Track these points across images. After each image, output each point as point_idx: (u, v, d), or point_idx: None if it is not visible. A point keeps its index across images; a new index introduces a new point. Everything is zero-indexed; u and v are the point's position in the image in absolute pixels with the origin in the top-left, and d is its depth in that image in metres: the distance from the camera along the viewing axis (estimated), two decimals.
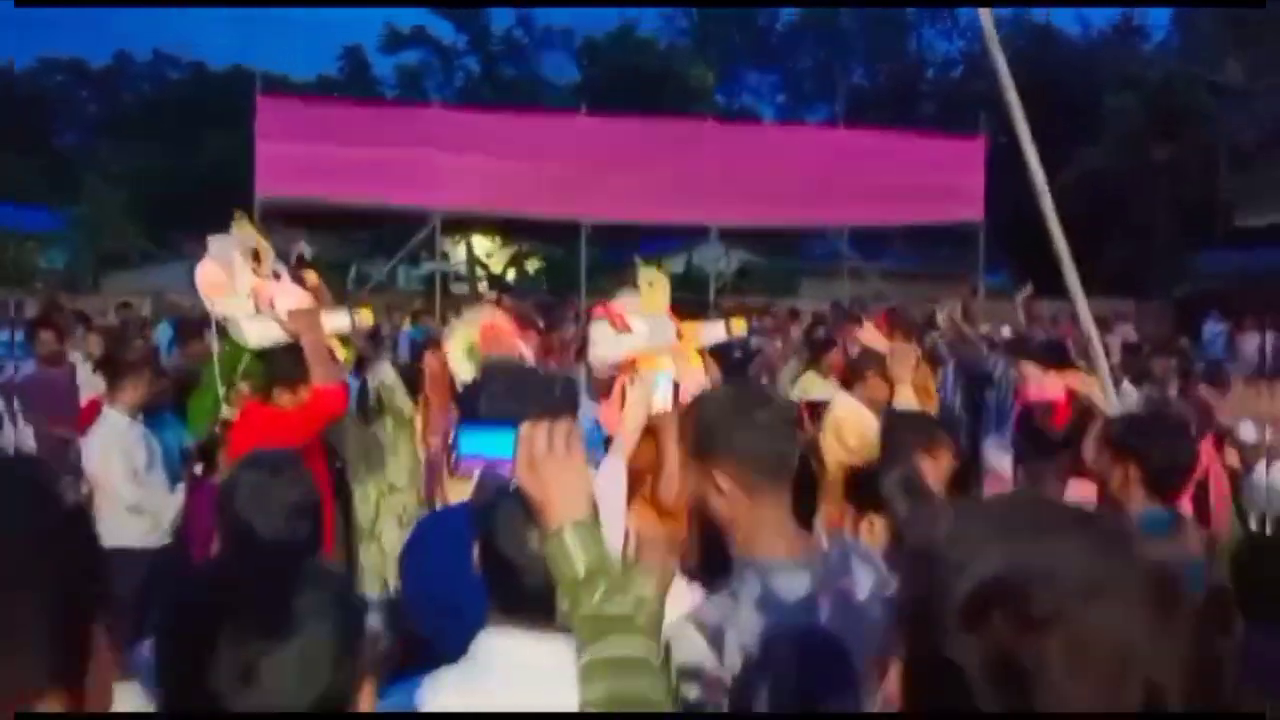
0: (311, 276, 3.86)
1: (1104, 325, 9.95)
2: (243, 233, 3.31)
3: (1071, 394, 3.20)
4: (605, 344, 3.72)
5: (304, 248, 3.70)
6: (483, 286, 22.01)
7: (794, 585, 1.57)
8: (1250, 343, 12.84)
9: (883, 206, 15.43)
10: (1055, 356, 5.42)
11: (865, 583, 1.62)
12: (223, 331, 3.39)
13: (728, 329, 4.08)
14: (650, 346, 3.70)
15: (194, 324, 8.04)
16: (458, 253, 22.85)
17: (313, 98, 16.66)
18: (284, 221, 14.92)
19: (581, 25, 33.06)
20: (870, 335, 4.62)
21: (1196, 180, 22.94)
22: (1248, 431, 2.72)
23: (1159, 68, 24.67)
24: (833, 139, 17.05)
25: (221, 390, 3.40)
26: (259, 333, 3.24)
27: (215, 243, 3.34)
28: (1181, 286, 21.90)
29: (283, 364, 3.35)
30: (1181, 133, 22.88)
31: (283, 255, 3.73)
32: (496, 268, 23.62)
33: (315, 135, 12.90)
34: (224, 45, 67.75)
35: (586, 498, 1.24)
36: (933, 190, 15.12)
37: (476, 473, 1.27)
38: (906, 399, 3.63)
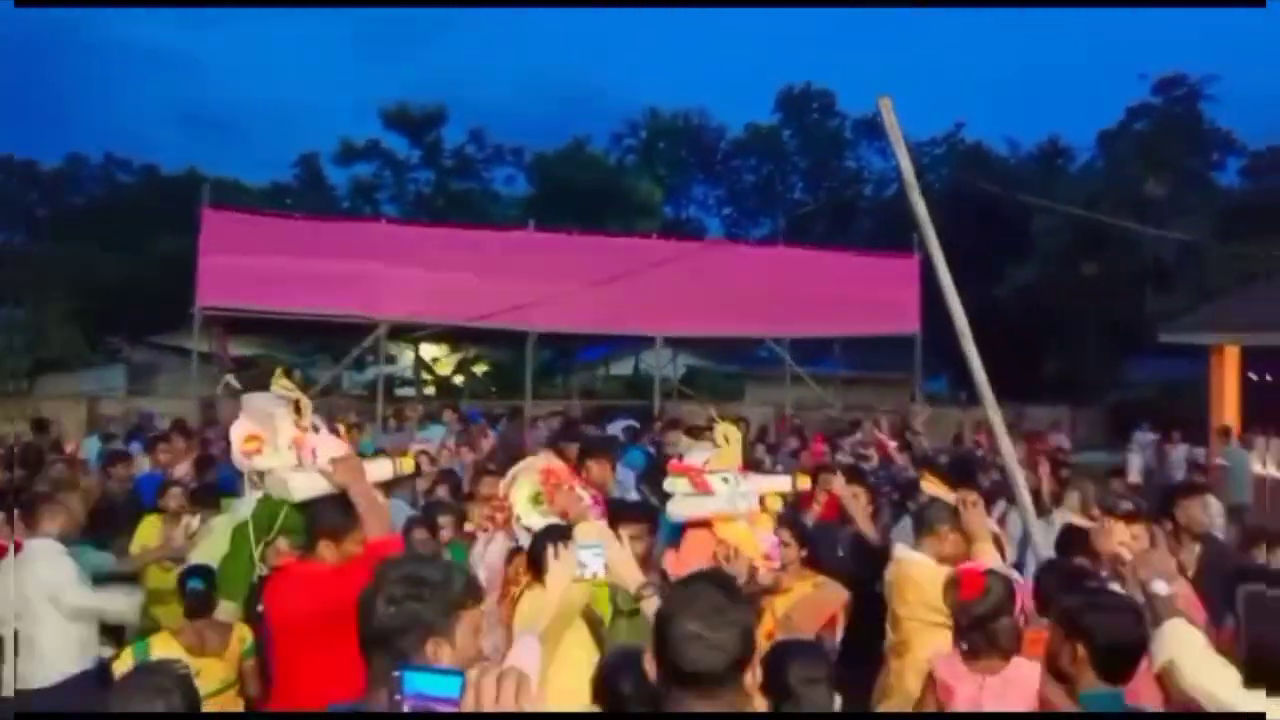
0: (343, 429, 3.79)
1: (1036, 436, 10.27)
2: (282, 386, 3.29)
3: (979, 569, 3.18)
4: (685, 503, 3.90)
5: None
6: (429, 390, 21.94)
7: None
8: (1178, 452, 13.23)
9: (821, 320, 15.86)
10: (961, 471, 5.39)
11: None
12: (256, 488, 3.31)
13: (794, 484, 4.19)
14: (731, 510, 3.83)
15: (121, 450, 7.79)
16: (404, 357, 22.83)
17: (258, 212, 16.75)
18: (228, 327, 14.88)
19: (533, 141, 33.92)
20: (934, 485, 4.42)
21: (1123, 295, 23.94)
22: (1161, 586, 2.71)
23: (1083, 189, 25.94)
24: (773, 256, 17.54)
25: (257, 550, 3.28)
26: (304, 485, 3.17)
27: (252, 399, 3.32)
28: (1112, 395, 22.58)
29: (327, 516, 3.17)
30: (1107, 251, 23.94)
31: (219, 359, 3.73)
32: (443, 372, 23.60)
33: (260, 248, 12.94)
34: (178, 149, 68.42)
35: None
36: (869, 305, 15.63)
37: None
38: (988, 555, 3.51)
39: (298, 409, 3.24)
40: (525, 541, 3.53)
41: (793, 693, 2.44)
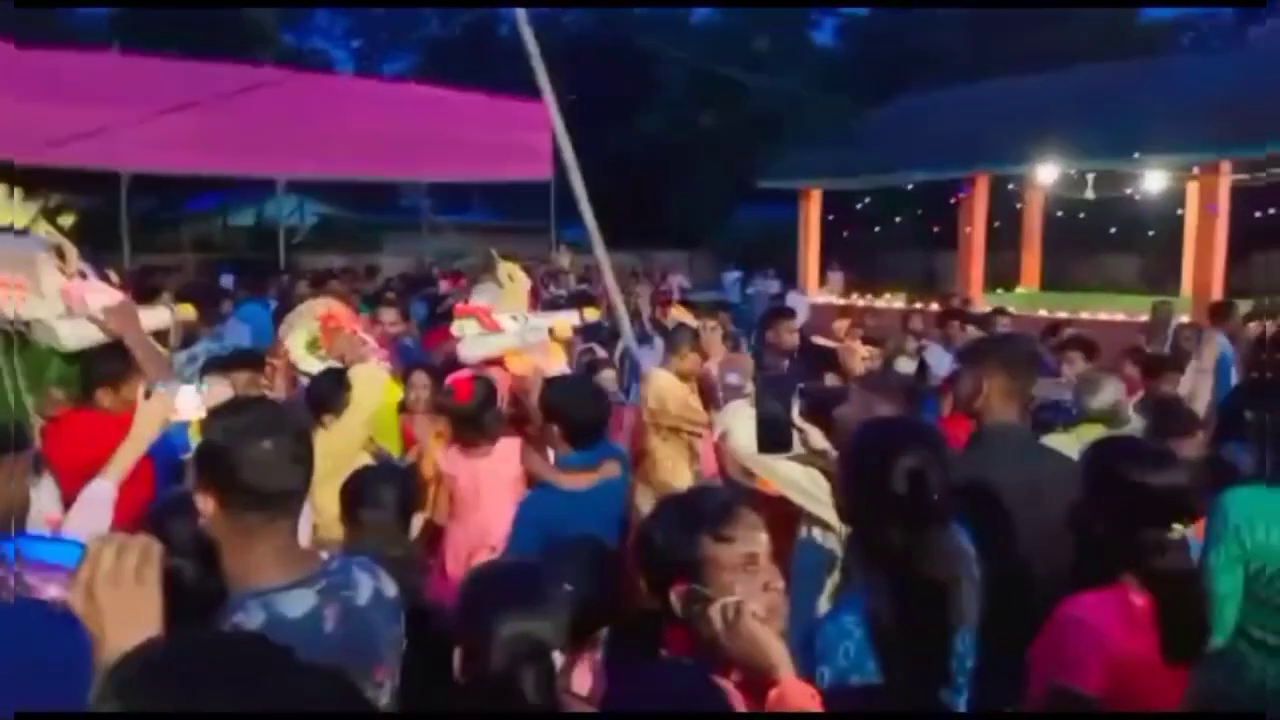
0: (114, 275, 3.62)
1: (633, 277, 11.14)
2: (42, 230, 3.15)
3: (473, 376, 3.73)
4: (475, 343, 4.01)
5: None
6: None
7: (297, 605, 1.60)
8: (770, 287, 14.95)
9: (453, 163, 15.50)
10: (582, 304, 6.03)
11: (365, 589, 1.72)
12: (13, 337, 3.04)
13: (581, 316, 4.55)
14: (523, 345, 4.03)
15: None
16: None
17: None
18: None
19: None
20: (682, 312, 4.95)
21: (735, 143, 25.98)
22: (734, 378, 3.31)
23: (702, 42, 27.36)
24: (403, 92, 16.72)
25: (29, 400, 3.02)
26: (74, 334, 3.06)
27: (6, 241, 3.12)
28: (724, 239, 24.83)
29: (103, 364, 3.12)
30: (722, 102, 25.65)
31: None
32: (20, 223, 20.24)
33: None
34: None
35: (151, 629, 1.14)
36: (502, 149, 15.42)
37: None
38: (715, 369, 4.07)
39: (61, 254, 3.14)
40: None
41: (360, 521, 2.59)
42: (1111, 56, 16.03)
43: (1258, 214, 12.42)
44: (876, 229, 20.82)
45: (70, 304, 3.09)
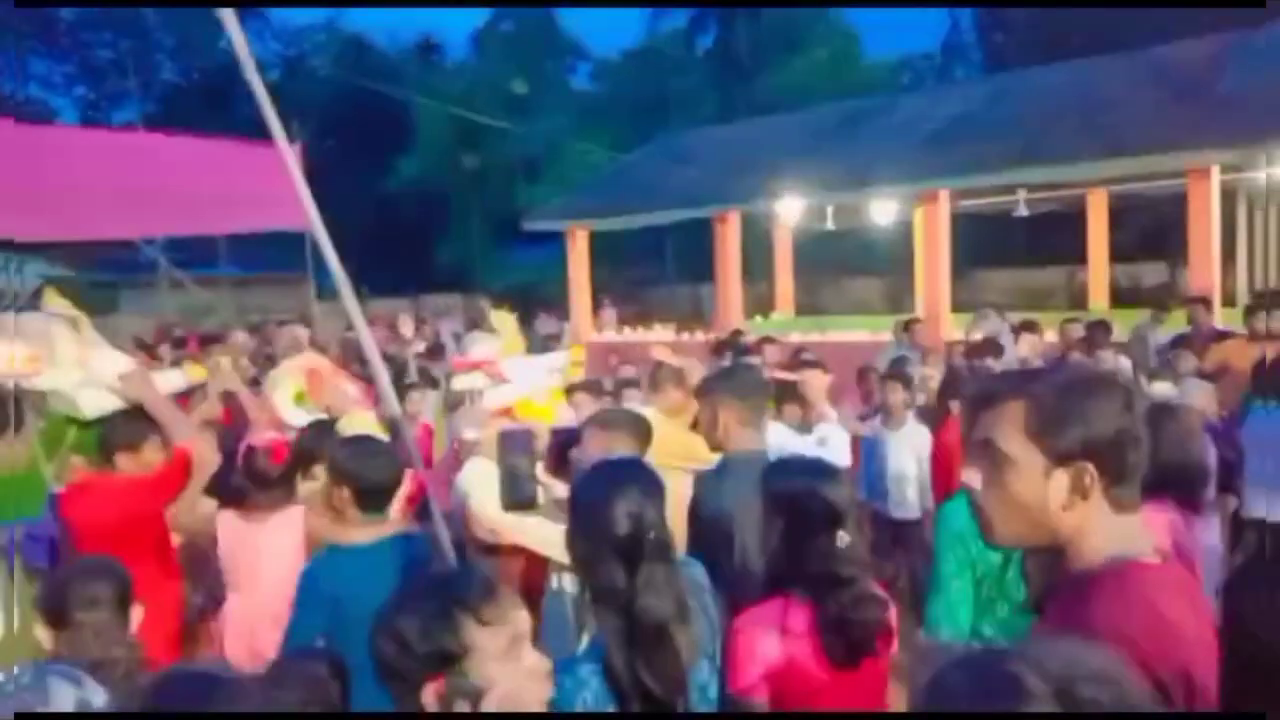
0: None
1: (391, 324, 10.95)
2: (56, 304, 3.32)
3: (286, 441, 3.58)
4: (490, 395, 3.91)
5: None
6: None
7: None
8: (546, 326, 15.00)
9: (196, 217, 14.43)
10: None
11: (66, 699, 1.62)
12: (36, 409, 3.29)
13: (569, 358, 4.68)
14: (531, 391, 3.95)
15: None
16: None
17: None
18: None
19: None
20: (662, 351, 4.95)
21: (500, 186, 26.03)
22: (470, 433, 3.27)
23: (458, 84, 27.28)
24: (135, 142, 15.47)
25: (49, 468, 3.29)
26: (93, 401, 3.22)
27: (25, 320, 3.27)
28: (497, 281, 24.75)
29: (122, 429, 3.28)
30: (483, 145, 25.66)
31: None
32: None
33: None
34: None
35: None
36: (251, 198, 14.53)
37: None
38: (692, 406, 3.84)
39: (75, 325, 3.27)
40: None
41: (71, 619, 2.21)
42: (838, 96, 17.45)
43: (977, 237, 13.87)
44: (643, 266, 21.50)
45: (86, 373, 3.21)
